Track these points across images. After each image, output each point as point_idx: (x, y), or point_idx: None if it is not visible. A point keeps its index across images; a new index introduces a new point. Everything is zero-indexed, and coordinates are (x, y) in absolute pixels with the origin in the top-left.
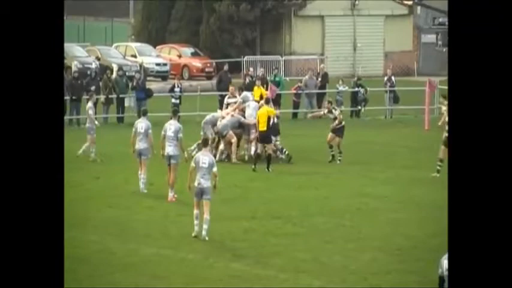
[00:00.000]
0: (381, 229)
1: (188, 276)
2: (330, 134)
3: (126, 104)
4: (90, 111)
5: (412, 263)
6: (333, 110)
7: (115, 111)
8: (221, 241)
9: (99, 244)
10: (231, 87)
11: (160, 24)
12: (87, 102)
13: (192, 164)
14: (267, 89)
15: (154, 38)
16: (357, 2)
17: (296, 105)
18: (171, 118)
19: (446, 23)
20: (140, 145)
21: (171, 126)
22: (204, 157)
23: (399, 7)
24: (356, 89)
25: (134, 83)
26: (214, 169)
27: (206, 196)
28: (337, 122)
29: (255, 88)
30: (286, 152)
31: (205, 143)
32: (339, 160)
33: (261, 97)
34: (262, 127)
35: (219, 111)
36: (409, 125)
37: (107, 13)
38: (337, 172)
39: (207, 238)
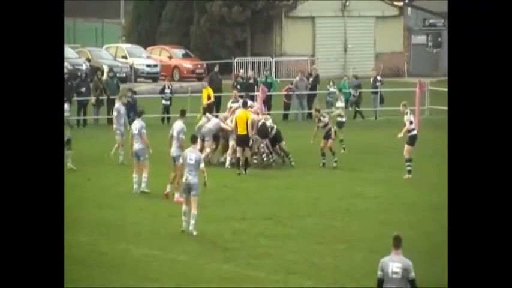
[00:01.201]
0: (372, 230)
1: (179, 277)
2: (322, 141)
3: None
4: (115, 113)
5: None
6: (321, 118)
7: (105, 112)
8: (212, 242)
9: (91, 245)
10: (234, 92)
11: (151, 25)
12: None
13: (181, 160)
14: (257, 91)
15: (145, 39)
16: (347, 3)
17: (287, 107)
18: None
19: (437, 24)
20: (136, 146)
21: (176, 127)
22: (192, 153)
23: (390, 8)
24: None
25: (125, 101)
26: (202, 165)
27: (193, 192)
28: (327, 128)
29: (203, 89)
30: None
31: (193, 139)
32: (335, 163)
33: (208, 98)
34: (242, 131)
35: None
36: (399, 125)
37: (97, 14)
38: (328, 173)
39: (194, 233)
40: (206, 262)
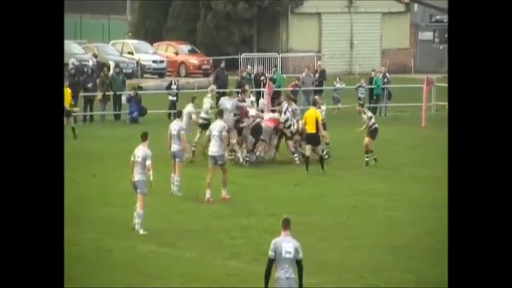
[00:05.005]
0: (378, 227)
1: (185, 274)
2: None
3: (123, 102)
4: (194, 116)
5: (408, 261)
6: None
7: (112, 108)
8: (218, 239)
9: (96, 242)
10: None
11: (157, 21)
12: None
13: (132, 158)
14: (264, 87)
15: (151, 35)
16: (353, 0)
17: None
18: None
19: (443, 21)
20: (174, 147)
21: (216, 126)
22: (139, 151)
23: (396, 4)
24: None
25: (132, 94)
26: (147, 162)
27: (139, 190)
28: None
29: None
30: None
31: (143, 137)
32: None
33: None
34: (311, 129)
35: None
36: (406, 122)
37: (104, 10)
38: (334, 169)
39: (141, 232)
40: (212, 259)
